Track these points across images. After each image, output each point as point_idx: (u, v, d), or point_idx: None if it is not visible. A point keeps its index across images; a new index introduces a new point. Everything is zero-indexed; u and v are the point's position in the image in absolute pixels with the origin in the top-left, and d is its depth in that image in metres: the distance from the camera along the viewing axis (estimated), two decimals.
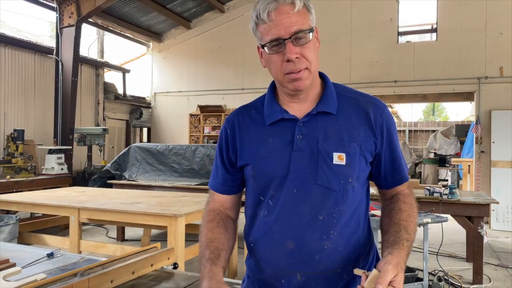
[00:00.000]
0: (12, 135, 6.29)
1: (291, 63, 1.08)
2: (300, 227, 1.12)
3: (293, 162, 1.13)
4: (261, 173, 1.17)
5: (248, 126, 1.23)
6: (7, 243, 2.58)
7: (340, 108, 1.17)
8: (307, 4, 1.12)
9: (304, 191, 1.12)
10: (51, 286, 1.39)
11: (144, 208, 3.39)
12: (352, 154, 1.12)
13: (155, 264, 1.80)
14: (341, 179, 1.12)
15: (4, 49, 6.92)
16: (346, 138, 1.13)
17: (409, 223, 1.13)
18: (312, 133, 1.14)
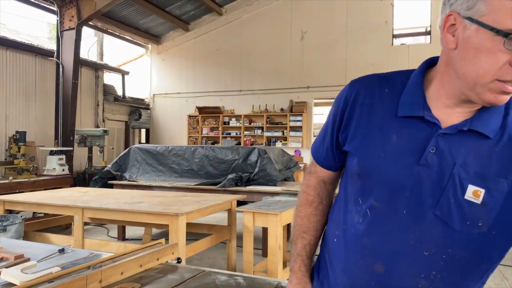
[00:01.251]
0: (14, 137, 6.40)
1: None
2: (397, 255, 0.91)
3: (413, 178, 0.89)
4: (367, 174, 0.95)
5: (374, 106, 0.96)
6: (19, 240, 2.70)
7: (502, 131, 0.87)
8: None
9: (416, 217, 0.89)
10: (67, 277, 1.52)
11: (146, 207, 3.52)
12: (496, 193, 0.85)
13: (160, 258, 1.93)
14: (467, 219, 0.86)
15: (5, 52, 7.04)
16: (495, 171, 0.85)
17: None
18: (451, 151, 0.87)
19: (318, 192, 1.14)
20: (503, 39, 0.74)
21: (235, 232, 4.15)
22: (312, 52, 9.06)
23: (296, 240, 1.13)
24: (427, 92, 0.92)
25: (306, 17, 9.14)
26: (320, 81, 8.87)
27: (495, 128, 0.86)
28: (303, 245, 1.13)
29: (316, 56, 8.99)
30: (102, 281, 1.59)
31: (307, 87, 9.04)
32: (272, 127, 9.50)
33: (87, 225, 6.54)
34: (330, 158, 1.08)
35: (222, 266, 4.31)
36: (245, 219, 3.61)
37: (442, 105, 0.90)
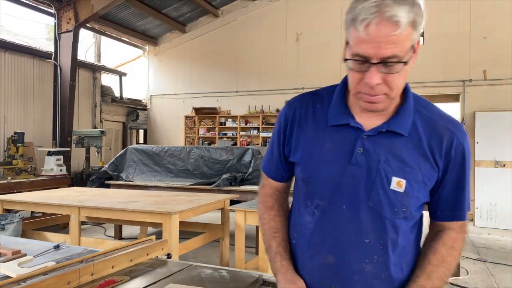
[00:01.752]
0: (12, 138, 6.50)
1: (369, 87, 0.96)
2: (343, 245, 1.07)
3: (347, 177, 1.05)
4: (310, 178, 1.11)
5: (308, 121, 1.14)
6: (16, 238, 2.81)
7: (414, 129, 1.05)
8: (415, 19, 0.91)
9: (354, 210, 1.05)
10: (61, 270, 1.63)
11: (141, 206, 3.63)
12: (414, 182, 1.03)
13: (150, 253, 2.04)
14: (395, 206, 1.03)
15: (4, 54, 7.14)
16: (411, 164, 1.03)
17: (438, 268, 1.07)
18: (375, 150, 1.04)
19: (275, 199, 1.28)
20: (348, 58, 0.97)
21: (228, 230, 4.26)
22: (307, 54, 9.18)
23: (270, 243, 1.23)
24: (349, 102, 1.10)
25: (301, 19, 9.25)
26: (315, 82, 8.96)
27: (408, 127, 1.05)
28: (277, 243, 1.21)
29: (311, 57, 9.10)
30: (94, 274, 1.70)
31: (302, 88, 9.14)
32: (267, 127, 9.61)
33: (85, 225, 6.64)
34: (281, 170, 1.24)
35: (215, 263, 4.42)
36: (237, 217, 3.72)
37: (361, 113, 1.07)
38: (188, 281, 1.71)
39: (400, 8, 0.89)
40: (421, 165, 1.04)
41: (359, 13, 0.92)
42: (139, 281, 1.69)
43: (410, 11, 0.90)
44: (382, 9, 0.89)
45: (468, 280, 4.30)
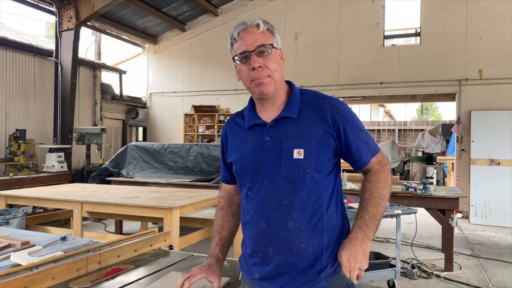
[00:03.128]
0: (14, 135, 6.58)
1: (255, 71, 1.34)
2: (269, 211, 1.37)
3: (263, 159, 1.38)
4: (240, 169, 1.45)
5: (235, 131, 1.52)
6: (24, 230, 2.90)
7: (302, 112, 1.39)
8: (271, 29, 1.39)
9: (272, 182, 1.37)
10: (70, 258, 1.73)
11: (142, 202, 3.72)
12: (310, 149, 1.34)
13: (153, 244, 2.14)
14: (299, 170, 1.34)
15: (5, 52, 7.21)
16: (305, 136, 1.35)
17: (370, 199, 1.37)
18: (277, 134, 1.38)
19: (227, 200, 1.64)
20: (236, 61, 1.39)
21: None
22: (305, 53, 9.26)
23: (215, 235, 1.59)
24: (256, 109, 1.47)
25: (299, 18, 9.34)
26: (313, 81, 9.07)
27: (296, 111, 1.40)
28: (220, 237, 1.58)
29: (309, 56, 9.19)
30: (101, 263, 1.80)
31: (300, 86, 9.20)
32: None
33: (85, 221, 6.73)
34: (227, 175, 1.61)
35: None
36: None
37: (263, 112, 1.45)
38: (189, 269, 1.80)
39: (257, 19, 1.37)
40: (314, 135, 1.36)
41: (233, 30, 1.39)
42: (144, 270, 1.79)
43: (264, 23, 1.37)
44: (246, 23, 1.37)
45: (461, 275, 4.41)
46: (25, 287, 1.46)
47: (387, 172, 1.42)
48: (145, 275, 1.71)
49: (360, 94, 8.93)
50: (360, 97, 9.24)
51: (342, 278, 1.35)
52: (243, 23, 1.37)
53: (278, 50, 1.40)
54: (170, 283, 1.59)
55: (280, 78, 1.40)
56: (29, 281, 1.48)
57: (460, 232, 6.52)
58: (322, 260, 1.35)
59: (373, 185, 1.39)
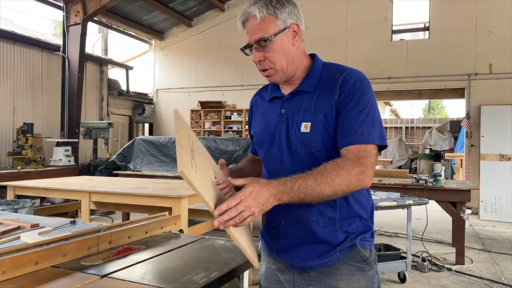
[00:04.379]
0: (22, 128, 6.59)
1: (258, 64, 1.36)
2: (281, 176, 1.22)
3: (277, 132, 1.40)
4: (258, 141, 1.49)
5: (258, 104, 1.55)
6: (33, 215, 2.88)
7: (318, 86, 1.36)
8: (273, 11, 1.30)
9: (283, 155, 1.38)
10: (81, 237, 1.70)
11: (150, 191, 3.70)
12: (317, 123, 1.31)
13: (164, 227, 2.11)
14: (306, 144, 1.32)
15: (13, 47, 7.23)
16: (314, 109, 1.33)
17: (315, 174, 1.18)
18: (291, 107, 1.39)
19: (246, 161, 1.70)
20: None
21: None
22: (312, 48, 9.15)
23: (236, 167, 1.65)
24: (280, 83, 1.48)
25: (306, 13, 9.24)
26: None
27: (313, 85, 1.38)
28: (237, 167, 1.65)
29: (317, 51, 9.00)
30: (112, 242, 1.77)
31: None
32: None
33: (93, 215, 6.72)
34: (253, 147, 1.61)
35: None
36: None
37: (283, 86, 1.46)
38: (202, 250, 1.77)
39: (255, 6, 1.31)
40: (325, 109, 1.33)
41: (238, 22, 1.37)
42: (155, 250, 1.75)
43: (263, 7, 1.31)
44: (246, 11, 1.33)
45: (472, 268, 4.35)
46: (36, 262, 1.43)
47: (357, 170, 1.21)
48: (156, 254, 1.68)
49: None
50: None
51: (358, 252, 1.35)
52: (243, 12, 1.34)
53: (285, 32, 1.32)
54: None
55: (291, 61, 1.36)
56: (40, 256, 1.45)
57: (470, 228, 6.44)
58: (336, 235, 1.34)
59: (331, 165, 1.20)
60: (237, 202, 1.08)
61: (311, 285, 1.38)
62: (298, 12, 1.38)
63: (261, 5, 1.31)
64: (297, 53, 1.39)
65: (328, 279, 1.35)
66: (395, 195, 3.84)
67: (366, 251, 1.36)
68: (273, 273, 1.50)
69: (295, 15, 1.36)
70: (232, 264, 1.55)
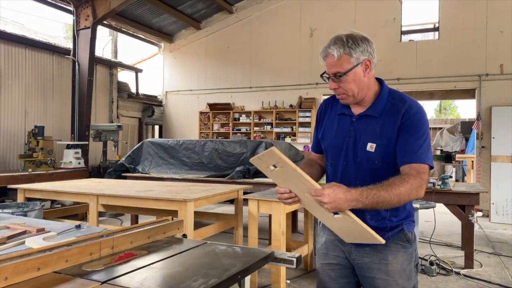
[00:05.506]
0: (33, 131, 6.69)
1: (333, 90, 1.66)
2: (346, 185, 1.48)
3: (345, 144, 1.70)
4: (326, 147, 1.80)
5: (329, 112, 1.82)
6: (39, 219, 2.93)
7: (384, 112, 1.64)
8: (348, 51, 1.58)
9: (349, 164, 1.70)
10: (83, 242, 1.72)
11: (156, 194, 3.72)
12: (381, 145, 1.62)
13: (167, 232, 2.12)
14: (369, 160, 1.64)
15: (25, 51, 7.34)
16: (379, 133, 1.63)
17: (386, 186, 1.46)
18: (359, 127, 1.68)
19: (311, 160, 1.96)
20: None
21: (242, 220, 4.32)
22: (321, 49, 9.17)
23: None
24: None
25: (315, 14, 9.26)
26: None
27: (379, 111, 1.65)
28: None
29: None
30: (114, 248, 1.79)
31: (316, 83, 9.16)
32: (281, 123, 9.65)
33: (102, 217, 6.80)
34: (318, 146, 1.89)
35: None
36: (250, 206, 3.78)
37: (354, 106, 1.72)
38: (203, 256, 1.78)
39: (334, 47, 1.60)
40: (387, 134, 1.61)
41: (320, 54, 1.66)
42: (157, 255, 1.77)
43: (340, 47, 1.58)
44: (326, 50, 1.63)
45: (481, 272, 4.29)
46: (38, 268, 1.45)
47: (417, 184, 1.50)
48: (158, 260, 1.70)
49: None
50: None
51: (405, 235, 1.70)
52: (323, 50, 1.64)
53: (358, 67, 1.59)
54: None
55: (362, 89, 1.63)
56: (42, 262, 1.47)
57: (481, 230, 6.36)
58: (386, 224, 1.68)
59: (399, 179, 1.50)
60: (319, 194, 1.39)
61: (365, 257, 1.71)
62: (371, 48, 1.64)
63: (338, 46, 1.59)
64: (368, 82, 1.65)
65: (379, 253, 1.69)
66: None
67: (410, 234, 1.71)
68: (333, 243, 1.82)
69: (367, 52, 1.62)
70: (232, 270, 1.56)
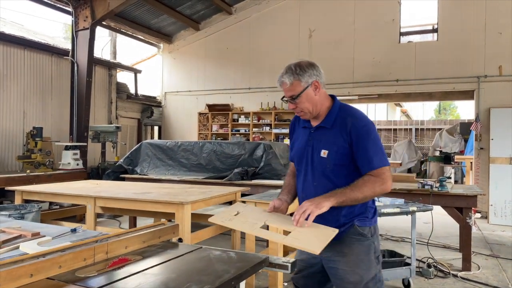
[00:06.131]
0: (31, 132, 6.69)
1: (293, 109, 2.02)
2: (306, 187, 2.06)
3: (306, 152, 2.05)
4: (293, 156, 2.17)
5: (297, 126, 2.19)
6: (35, 223, 2.93)
7: (334, 123, 1.97)
8: (297, 77, 1.92)
9: (308, 169, 2.05)
10: (77, 248, 1.72)
11: (154, 197, 3.72)
12: (332, 151, 1.95)
13: (162, 236, 2.12)
14: (322, 165, 1.98)
15: (23, 52, 7.34)
16: (331, 142, 1.96)
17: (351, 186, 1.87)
18: (315, 137, 2.02)
19: (292, 171, 2.28)
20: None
21: None
22: (320, 50, 9.19)
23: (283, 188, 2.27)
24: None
25: (314, 16, 9.27)
26: (328, 78, 8.79)
27: (331, 123, 1.98)
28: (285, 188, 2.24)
29: (324, 53, 9.10)
30: (108, 253, 1.79)
31: None
32: (280, 124, 9.65)
33: (101, 218, 6.79)
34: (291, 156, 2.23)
35: None
36: None
37: (312, 120, 2.06)
38: (197, 261, 1.78)
39: (286, 75, 1.94)
40: (337, 142, 1.94)
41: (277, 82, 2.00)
42: (151, 260, 1.77)
43: (291, 75, 1.92)
44: (280, 79, 1.96)
45: (479, 275, 4.29)
46: (31, 274, 1.45)
47: (379, 182, 1.87)
48: (152, 265, 1.70)
49: (376, 91, 8.81)
50: (375, 95, 9.10)
51: (356, 229, 1.97)
52: (278, 79, 1.97)
53: (308, 88, 1.93)
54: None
55: (315, 106, 1.97)
56: (35, 268, 1.47)
57: (479, 232, 6.36)
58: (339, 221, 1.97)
59: (363, 180, 1.88)
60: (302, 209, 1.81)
61: (328, 252, 1.90)
62: (317, 71, 1.95)
63: (289, 74, 1.93)
64: (320, 99, 1.98)
65: (336, 246, 1.94)
66: (399, 201, 3.81)
67: (364, 228, 1.97)
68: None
69: (314, 75, 1.94)
70: (225, 277, 1.55)
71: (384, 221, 6.62)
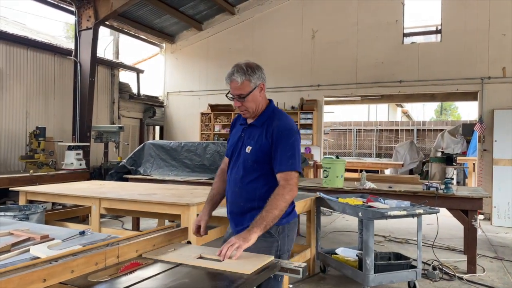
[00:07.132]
0: (34, 132, 6.67)
1: (237, 107, 2.12)
2: (232, 180, 2.19)
3: (237, 147, 2.19)
4: (228, 150, 2.28)
5: (237, 124, 2.30)
6: (43, 225, 2.91)
7: (264, 124, 2.11)
8: (247, 78, 2.03)
9: (236, 162, 2.18)
10: (89, 252, 1.71)
11: (159, 198, 3.71)
12: (255, 148, 2.09)
13: (172, 239, 2.11)
14: (245, 159, 2.12)
15: (26, 51, 7.33)
16: (256, 139, 2.10)
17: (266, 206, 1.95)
18: (246, 134, 2.17)
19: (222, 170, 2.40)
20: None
21: None
22: (323, 51, 9.17)
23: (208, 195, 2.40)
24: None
25: (317, 16, 9.25)
26: (331, 79, 8.98)
27: (261, 123, 2.11)
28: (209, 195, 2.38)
29: (327, 54, 9.09)
30: (119, 257, 1.78)
31: (317, 85, 9.16)
32: None
33: (103, 218, 6.78)
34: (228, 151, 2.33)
35: None
36: None
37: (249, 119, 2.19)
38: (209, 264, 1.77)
39: (237, 74, 2.03)
40: (260, 140, 2.09)
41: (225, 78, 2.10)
42: (162, 265, 1.76)
43: (242, 75, 2.02)
44: (231, 77, 2.06)
45: (484, 277, 4.28)
46: (44, 279, 1.44)
47: (288, 189, 1.99)
48: (163, 270, 1.68)
49: (379, 92, 8.80)
50: (378, 96, 9.10)
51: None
52: (229, 76, 2.06)
53: (255, 89, 2.06)
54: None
55: (257, 106, 2.11)
56: (48, 273, 1.46)
57: (483, 234, 6.34)
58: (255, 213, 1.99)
59: (273, 196, 1.98)
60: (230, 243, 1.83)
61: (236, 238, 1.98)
62: (263, 74, 2.11)
63: (240, 74, 2.02)
64: (261, 101, 2.12)
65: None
66: (405, 204, 3.80)
67: (271, 227, 1.99)
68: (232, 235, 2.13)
69: (261, 77, 2.09)
70: (239, 281, 1.55)
71: (387, 223, 6.61)
